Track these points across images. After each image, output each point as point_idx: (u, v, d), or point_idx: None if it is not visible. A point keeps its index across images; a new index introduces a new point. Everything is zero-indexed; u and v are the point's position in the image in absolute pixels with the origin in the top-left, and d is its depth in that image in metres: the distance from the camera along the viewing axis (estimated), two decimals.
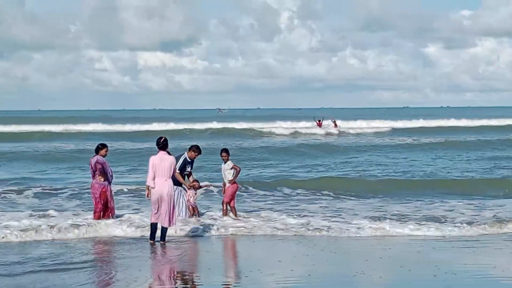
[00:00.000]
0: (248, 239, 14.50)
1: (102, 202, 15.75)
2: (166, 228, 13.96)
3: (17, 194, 20.95)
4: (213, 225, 15.36)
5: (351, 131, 65.83)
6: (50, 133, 58.37)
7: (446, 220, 16.48)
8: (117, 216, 16.07)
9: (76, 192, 21.51)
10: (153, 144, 14.53)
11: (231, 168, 16.77)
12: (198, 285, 10.76)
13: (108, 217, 15.74)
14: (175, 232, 14.60)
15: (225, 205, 16.72)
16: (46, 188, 22.47)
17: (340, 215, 17.37)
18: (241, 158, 33.08)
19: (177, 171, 15.72)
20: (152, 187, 13.86)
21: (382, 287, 10.48)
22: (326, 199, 20.90)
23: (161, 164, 13.87)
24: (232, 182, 16.72)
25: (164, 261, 12.72)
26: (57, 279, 10.62)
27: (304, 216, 17.02)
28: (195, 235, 14.75)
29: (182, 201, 16.29)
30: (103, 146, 16.05)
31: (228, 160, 16.79)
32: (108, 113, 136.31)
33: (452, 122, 78.06)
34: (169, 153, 14.18)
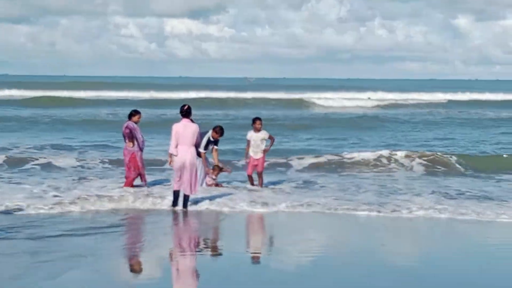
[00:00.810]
0: (272, 211, 14.76)
1: (133, 168, 16.32)
2: (188, 196, 14.59)
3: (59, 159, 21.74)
4: (236, 196, 15.78)
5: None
6: (83, 100, 58.61)
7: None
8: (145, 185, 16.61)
9: (115, 158, 22.14)
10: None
11: (268, 138, 17.10)
12: (219, 251, 11.42)
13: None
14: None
15: (262, 177, 17.05)
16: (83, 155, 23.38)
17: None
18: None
19: (202, 150, 16.18)
20: (175, 155, 14.42)
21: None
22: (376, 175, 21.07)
23: (185, 132, 14.38)
24: (266, 152, 17.07)
25: (186, 228, 13.50)
26: (84, 242, 11.29)
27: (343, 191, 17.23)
28: (215, 205, 15.00)
29: (204, 171, 16.82)
30: (136, 112, 16.59)
31: (261, 129, 17.02)
32: (135, 80, 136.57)
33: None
34: (192, 121, 14.63)
